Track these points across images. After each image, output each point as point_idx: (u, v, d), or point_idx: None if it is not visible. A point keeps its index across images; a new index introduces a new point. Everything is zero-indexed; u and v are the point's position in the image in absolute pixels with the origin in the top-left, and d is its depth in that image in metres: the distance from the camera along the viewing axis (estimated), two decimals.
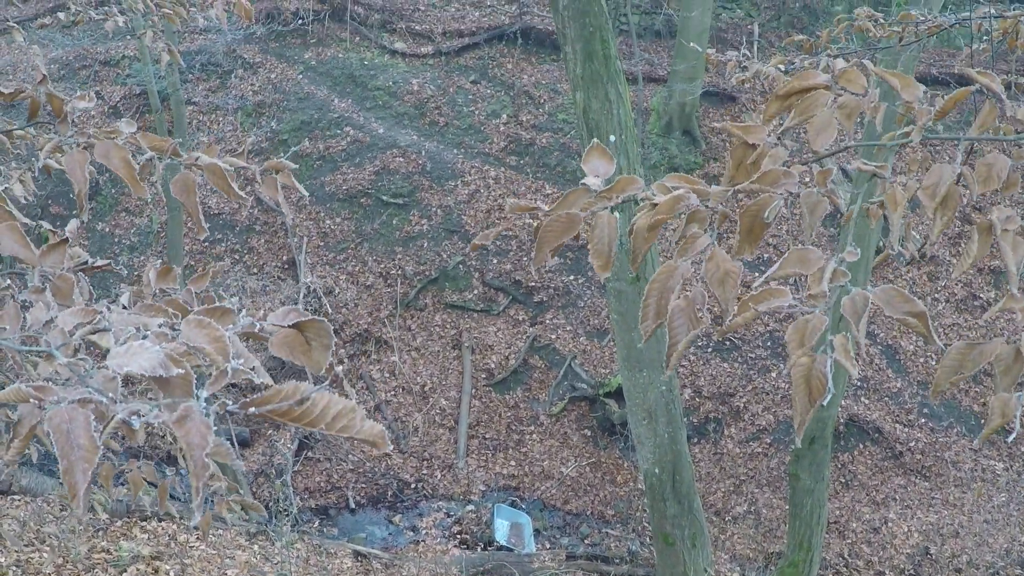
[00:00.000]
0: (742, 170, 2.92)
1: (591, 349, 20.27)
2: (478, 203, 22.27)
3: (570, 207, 2.82)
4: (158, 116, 20.06)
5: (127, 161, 2.98)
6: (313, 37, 27.15)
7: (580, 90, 11.22)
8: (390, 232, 22.04)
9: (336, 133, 23.94)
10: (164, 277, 3.04)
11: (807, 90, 2.90)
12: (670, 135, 23.81)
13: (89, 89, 24.76)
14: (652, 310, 2.69)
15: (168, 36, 10.97)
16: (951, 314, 20.77)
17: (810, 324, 2.45)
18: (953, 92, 2.93)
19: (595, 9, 11.11)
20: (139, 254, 22.02)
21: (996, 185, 2.80)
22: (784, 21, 26.94)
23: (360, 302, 20.98)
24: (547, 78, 25.33)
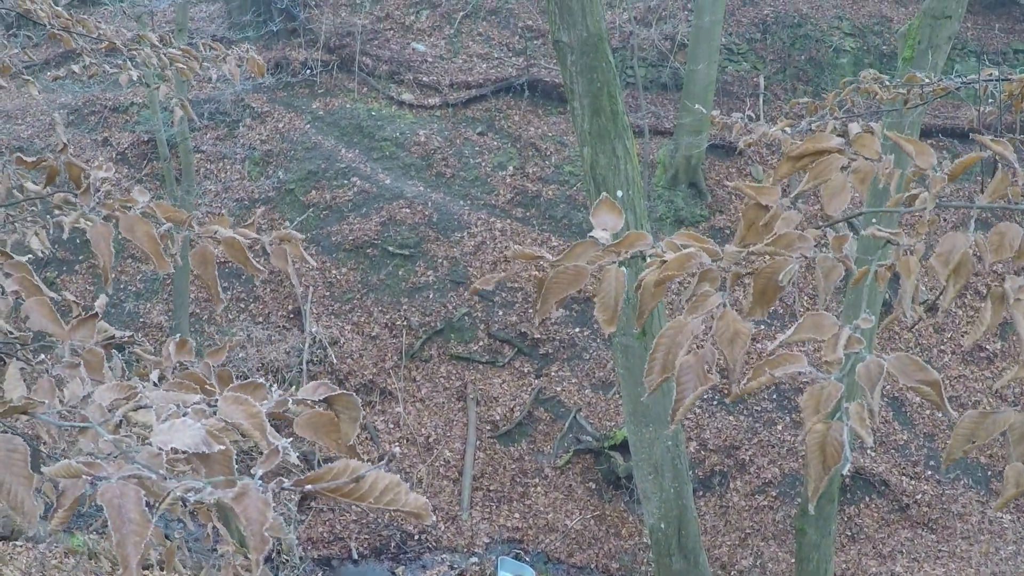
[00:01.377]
0: (753, 231, 2.96)
1: (596, 402, 20.26)
2: (484, 255, 22.33)
3: (577, 259, 2.84)
4: (166, 164, 20.17)
5: (151, 236, 3.03)
6: (321, 87, 27.32)
7: (587, 145, 11.28)
8: (396, 283, 22.09)
9: (343, 183, 24.05)
10: (182, 350, 3.08)
11: (820, 152, 2.94)
12: (676, 188, 23.89)
13: (98, 135, 24.97)
14: (658, 364, 2.72)
15: (178, 85, 11.06)
16: (957, 365, 20.75)
17: (825, 391, 2.47)
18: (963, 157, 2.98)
19: (603, 65, 11.18)
20: (145, 301, 22.08)
21: (1009, 253, 2.83)
22: (789, 74, 27.07)
23: (365, 352, 21.01)
24: (554, 130, 25.45)
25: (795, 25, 27.29)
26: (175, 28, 21.56)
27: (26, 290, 2.86)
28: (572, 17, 11.02)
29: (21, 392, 2.44)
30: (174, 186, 20.11)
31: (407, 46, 28.05)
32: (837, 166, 2.88)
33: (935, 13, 12.74)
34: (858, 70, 26.29)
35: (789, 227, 2.80)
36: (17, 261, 3.00)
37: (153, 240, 3.04)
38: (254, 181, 24.72)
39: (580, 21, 11.01)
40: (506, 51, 27.68)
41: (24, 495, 1.95)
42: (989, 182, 2.93)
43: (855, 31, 27.33)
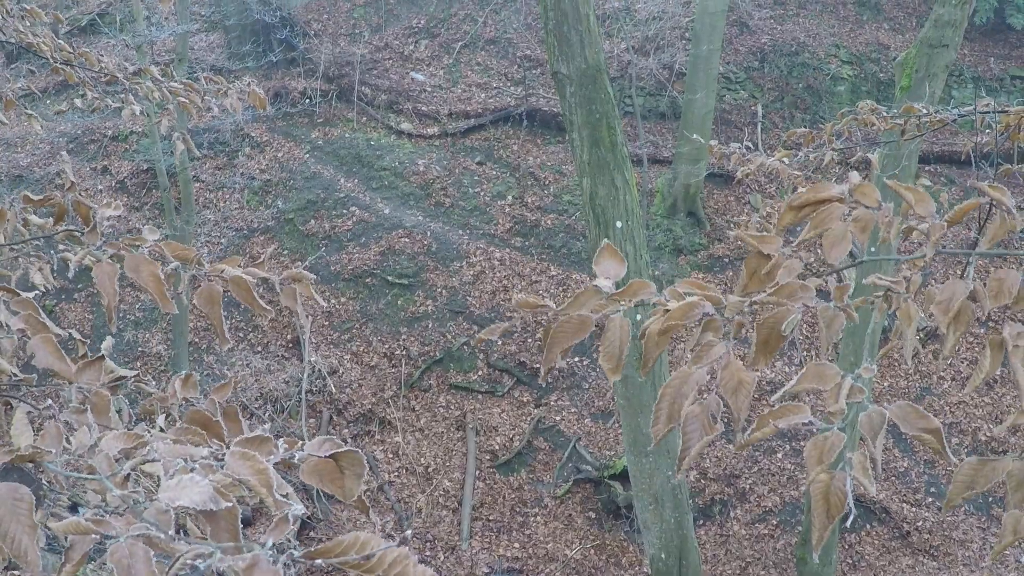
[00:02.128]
0: (755, 279, 2.97)
1: (596, 431, 20.23)
2: (483, 284, 22.35)
3: (580, 308, 2.85)
4: (165, 194, 20.23)
5: (156, 276, 3.04)
6: (320, 117, 27.40)
7: (587, 176, 11.33)
8: (395, 312, 22.11)
9: (342, 213, 24.10)
10: (187, 386, 3.09)
11: (821, 202, 2.97)
12: (675, 216, 23.93)
13: (97, 164, 25.01)
14: (664, 414, 2.73)
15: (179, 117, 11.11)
16: (957, 391, 20.73)
17: (828, 442, 2.49)
18: (963, 203, 3.00)
19: (602, 96, 11.24)
20: (144, 330, 22.08)
21: (1007, 300, 2.85)
22: (787, 102, 27.15)
23: (364, 382, 21.00)
24: (552, 160, 25.52)
25: (792, 53, 27.39)
26: (175, 58, 21.66)
27: (32, 328, 2.88)
28: (571, 49, 11.09)
29: (28, 438, 2.45)
30: (173, 215, 20.15)
31: (406, 75, 28.14)
32: (838, 215, 2.91)
33: (932, 42, 12.83)
34: (855, 98, 26.48)
35: (791, 276, 2.81)
36: (24, 298, 3.01)
37: (158, 280, 3.06)
38: (253, 210, 24.77)
39: (579, 53, 11.07)
40: (505, 80, 27.77)
41: (28, 544, 1.96)
42: (988, 225, 2.95)
43: (852, 59, 27.44)
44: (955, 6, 12.67)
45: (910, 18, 28.64)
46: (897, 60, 13.72)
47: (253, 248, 23.82)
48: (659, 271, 22.29)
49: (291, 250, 23.70)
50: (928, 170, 25.44)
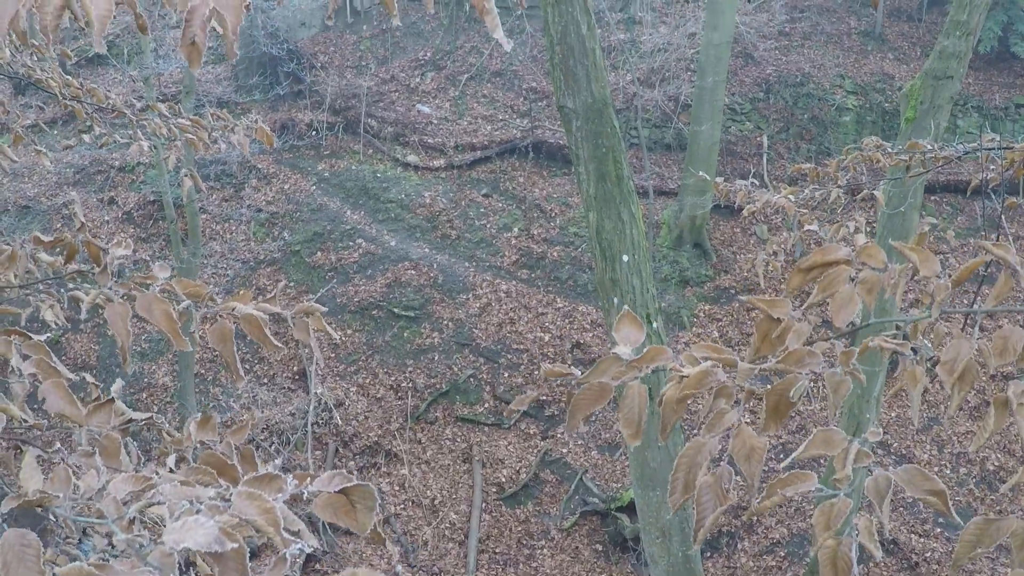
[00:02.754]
0: (767, 343, 2.99)
1: (602, 463, 20.20)
2: (489, 316, 22.37)
3: (602, 375, 2.88)
4: (172, 226, 20.26)
5: (168, 315, 3.06)
6: (327, 149, 27.49)
7: (593, 210, 11.33)
8: (401, 344, 22.12)
9: (348, 245, 24.14)
10: (204, 428, 3.11)
11: (828, 264, 2.98)
12: (681, 248, 23.96)
13: (104, 195, 25.08)
14: (680, 483, 2.77)
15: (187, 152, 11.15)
16: (965, 421, 20.67)
17: (835, 508, 2.52)
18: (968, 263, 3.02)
19: (608, 130, 11.26)
20: (150, 361, 22.08)
21: (1012, 358, 2.87)
22: (792, 133, 27.22)
23: (370, 414, 20.98)
24: (558, 192, 25.58)
25: (797, 84, 27.47)
26: (183, 90, 21.74)
27: (44, 372, 2.89)
28: (577, 83, 11.12)
29: (38, 483, 2.46)
30: (180, 247, 20.18)
31: (412, 108, 28.24)
32: (845, 277, 2.93)
33: (937, 74, 12.86)
34: (861, 128, 26.52)
35: (800, 340, 2.84)
36: (35, 342, 3.03)
37: (170, 319, 3.08)
38: (260, 242, 24.82)
39: (585, 87, 11.11)
40: (511, 112, 27.86)
41: None
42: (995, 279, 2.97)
43: (857, 89, 27.50)
44: (959, 38, 12.71)
45: (914, 48, 28.73)
46: (902, 92, 13.75)
47: (260, 280, 23.85)
48: (666, 303, 22.30)
49: (297, 282, 23.73)
50: (934, 200, 25.48)
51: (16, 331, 3.05)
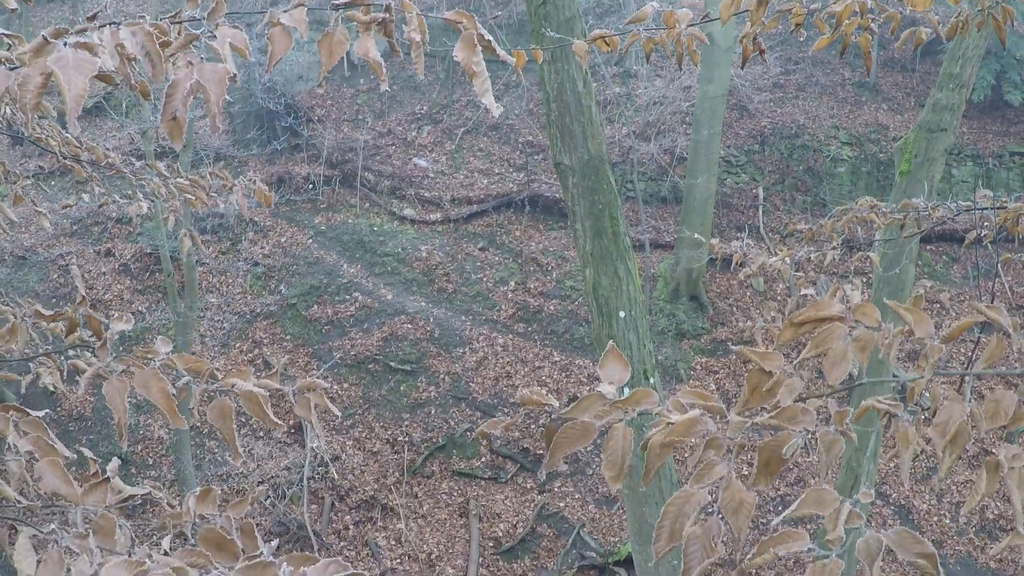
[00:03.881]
0: (756, 394, 3.00)
1: (600, 517, 20.12)
2: (486, 370, 22.36)
3: (584, 412, 2.87)
4: (168, 279, 20.26)
5: (166, 392, 3.07)
6: (323, 202, 27.56)
7: (590, 266, 11.36)
8: (397, 398, 22.08)
9: (345, 298, 24.16)
10: (203, 501, 3.10)
11: (822, 320, 2.99)
12: (677, 301, 23.99)
13: (101, 246, 25.08)
14: (666, 532, 2.76)
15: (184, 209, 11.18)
16: (964, 470, 20.62)
17: (827, 569, 2.51)
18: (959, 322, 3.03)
19: (604, 187, 11.31)
20: (145, 414, 22.00)
21: (1004, 421, 2.88)
22: (788, 184, 27.32)
23: (366, 468, 20.91)
24: (555, 245, 25.63)
25: (792, 136, 27.60)
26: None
27: (40, 450, 2.89)
28: (573, 140, 11.19)
29: (31, 565, 2.46)
30: (177, 300, 20.17)
31: (409, 161, 28.34)
32: (838, 335, 2.94)
33: (930, 127, 12.93)
34: (856, 179, 26.60)
35: (792, 396, 2.84)
36: (33, 419, 3.03)
37: (168, 398, 3.08)
38: (256, 295, 24.82)
39: (581, 144, 11.17)
40: (507, 166, 27.96)
41: None
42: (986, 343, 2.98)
43: (852, 140, 27.62)
44: (952, 91, 12.79)
45: (908, 98, 28.88)
46: (896, 145, 13.84)
47: (256, 333, 23.85)
48: (662, 356, 22.29)
49: (293, 335, 23.72)
50: (930, 249, 25.54)
51: (14, 407, 3.05)
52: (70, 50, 2.39)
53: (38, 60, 2.37)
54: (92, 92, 10.98)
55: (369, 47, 2.61)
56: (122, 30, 2.57)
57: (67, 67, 2.36)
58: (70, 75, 2.35)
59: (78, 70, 2.36)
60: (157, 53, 2.55)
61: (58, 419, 21.74)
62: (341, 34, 2.66)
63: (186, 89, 2.50)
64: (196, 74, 2.51)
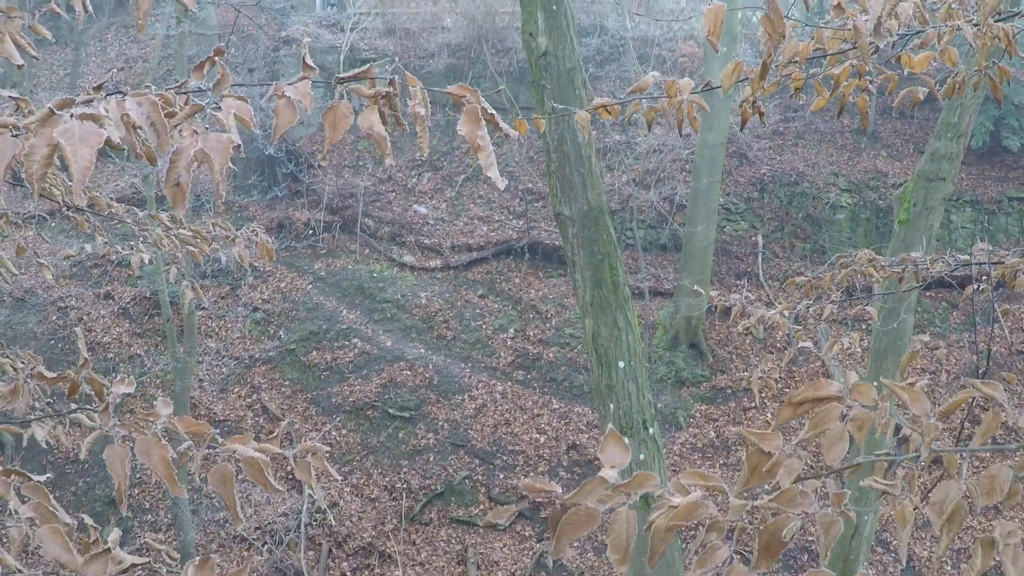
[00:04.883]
0: (756, 475, 3.01)
1: (599, 565, 20.02)
2: (485, 418, 22.32)
3: (586, 497, 2.88)
4: (168, 324, 20.27)
5: (166, 460, 3.07)
6: (323, 248, 27.62)
7: (589, 316, 11.40)
8: (396, 445, 22.04)
9: (344, 344, 24.16)
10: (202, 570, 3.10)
11: (819, 400, 3.01)
12: (677, 348, 23.98)
13: (100, 289, 25.09)
14: None
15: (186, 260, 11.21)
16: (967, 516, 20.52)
17: None
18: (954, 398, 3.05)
19: (603, 237, 11.37)
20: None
21: (999, 497, 2.89)
22: (787, 231, 27.37)
23: (364, 515, 20.83)
24: (554, 292, 25.66)
25: (792, 183, 27.66)
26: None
27: (41, 517, 2.90)
28: (573, 191, 11.25)
29: None
30: (176, 344, 20.17)
31: (409, 208, 28.42)
32: (836, 415, 2.96)
33: (929, 176, 12.98)
34: (855, 226, 26.63)
35: (791, 477, 2.86)
36: (34, 483, 3.03)
37: (167, 465, 3.08)
38: (255, 340, 24.84)
39: (581, 195, 11.24)
40: (507, 213, 28.03)
41: None
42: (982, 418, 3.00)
43: (851, 187, 27.67)
44: (951, 140, 12.85)
45: (907, 144, 28.95)
46: (895, 194, 13.88)
47: (255, 378, 23.85)
48: (662, 403, 22.27)
49: (292, 381, 23.72)
50: (929, 295, 25.54)
51: (15, 471, 3.06)
52: (76, 122, 2.40)
53: (44, 131, 2.38)
54: None
55: (374, 121, 2.64)
56: (128, 101, 2.58)
57: (73, 139, 2.36)
58: (76, 147, 2.35)
59: (84, 142, 2.36)
60: (162, 124, 2.56)
61: (55, 460, 21.71)
62: (345, 107, 2.69)
63: (190, 157, 2.52)
64: (200, 143, 2.53)
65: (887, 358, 12.72)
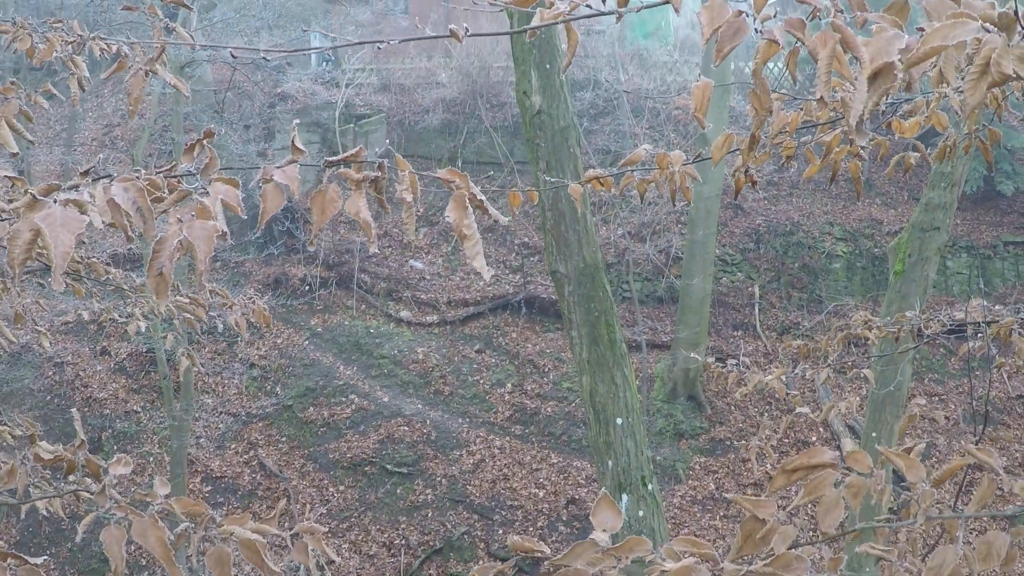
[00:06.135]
0: (751, 542, 3.01)
1: None
2: (483, 473, 22.24)
3: (576, 560, 2.88)
4: (164, 381, 20.26)
5: (163, 542, 3.07)
6: (320, 304, 27.63)
7: (587, 374, 11.40)
8: (394, 501, 21.95)
9: (341, 400, 24.12)
10: None
11: (814, 467, 3.02)
12: (675, 401, 23.94)
13: (96, 345, 25.06)
14: None
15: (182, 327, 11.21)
16: None
17: None
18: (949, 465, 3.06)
19: (600, 294, 11.39)
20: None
21: (996, 563, 2.91)
22: (784, 282, 27.38)
23: (363, 572, 20.71)
24: (551, 347, 25.64)
25: (787, 233, 27.70)
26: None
27: None
28: (569, 249, 11.29)
29: None
30: (172, 401, 20.13)
31: (405, 263, 28.45)
32: (831, 482, 2.96)
33: (923, 226, 13.00)
34: (851, 274, 26.66)
35: (786, 543, 2.86)
36: (30, 567, 3.03)
37: (165, 547, 3.08)
38: (252, 397, 24.80)
39: (576, 252, 11.27)
40: (503, 268, 28.05)
41: None
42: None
43: (846, 235, 27.70)
44: (944, 189, 12.87)
45: (901, 192, 29.00)
46: (890, 245, 13.91)
47: (251, 434, 23.79)
48: (661, 456, 22.19)
49: (289, 437, 23.66)
50: (925, 342, 25.47)
51: (12, 554, 3.06)
52: (59, 207, 2.40)
53: (29, 216, 2.39)
54: None
55: (361, 207, 2.65)
56: (115, 186, 2.59)
57: (54, 224, 2.35)
58: (57, 232, 2.34)
59: (65, 227, 2.36)
60: (149, 210, 2.58)
61: (50, 517, 21.58)
62: (334, 192, 2.70)
63: (173, 247, 2.52)
64: (185, 231, 2.53)
65: (885, 409, 12.70)
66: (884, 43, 2.27)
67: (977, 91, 2.14)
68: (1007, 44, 2.10)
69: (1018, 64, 2.10)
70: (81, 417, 15.47)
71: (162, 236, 2.51)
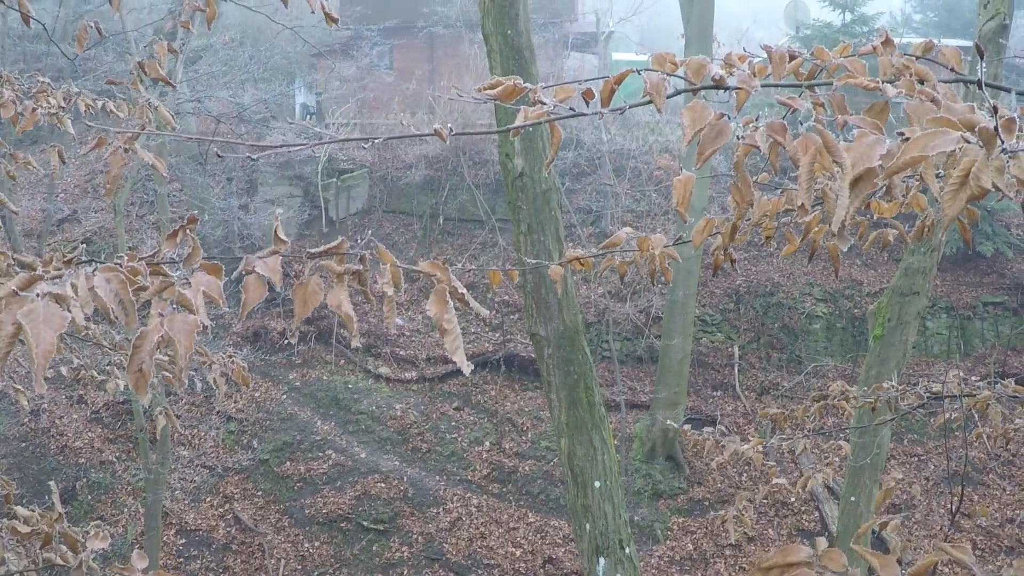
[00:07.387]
0: None
1: None
2: (460, 531, 22.13)
3: None
4: (140, 434, 20.15)
5: None
6: (298, 358, 27.57)
7: (565, 436, 11.39)
8: (370, 558, 21.81)
9: (318, 455, 24.02)
10: None
11: (789, 566, 3.02)
12: (654, 461, 23.90)
13: (73, 393, 24.92)
14: None
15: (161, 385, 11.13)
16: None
17: None
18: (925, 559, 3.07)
19: (579, 357, 11.41)
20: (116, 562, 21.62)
21: None
22: (764, 342, 27.45)
23: None
24: (530, 405, 25.61)
25: (767, 294, 27.80)
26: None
27: None
28: (549, 311, 11.31)
29: None
30: (148, 454, 19.99)
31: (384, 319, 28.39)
32: None
33: (903, 291, 13.07)
34: (831, 335, 26.72)
35: None
36: None
37: None
38: (229, 450, 24.67)
39: (556, 315, 11.30)
40: (483, 326, 28.05)
41: None
42: None
43: (826, 296, 27.80)
44: (924, 255, 12.96)
45: (881, 253, 29.14)
46: (870, 309, 13.97)
47: (227, 488, 23.65)
48: (639, 516, 22.13)
49: (265, 491, 23.53)
50: (903, 414, 25.54)
51: None
52: (42, 304, 2.36)
53: (9, 309, 2.36)
54: (72, 236, 11.03)
55: (342, 300, 2.66)
56: (97, 276, 2.57)
57: (36, 322, 2.31)
58: (39, 330, 2.28)
59: (48, 325, 2.30)
60: (130, 303, 2.56)
61: None
62: (315, 284, 2.71)
63: (153, 343, 2.50)
64: (166, 326, 2.51)
65: (864, 474, 12.73)
66: (866, 148, 2.30)
67: (956, 203, 2.17)
68: (986, 158, 2.14)
69: (997, 177, 2.13)
70: (56, 466, 15.33)
71: (142, 331, 2.49)
